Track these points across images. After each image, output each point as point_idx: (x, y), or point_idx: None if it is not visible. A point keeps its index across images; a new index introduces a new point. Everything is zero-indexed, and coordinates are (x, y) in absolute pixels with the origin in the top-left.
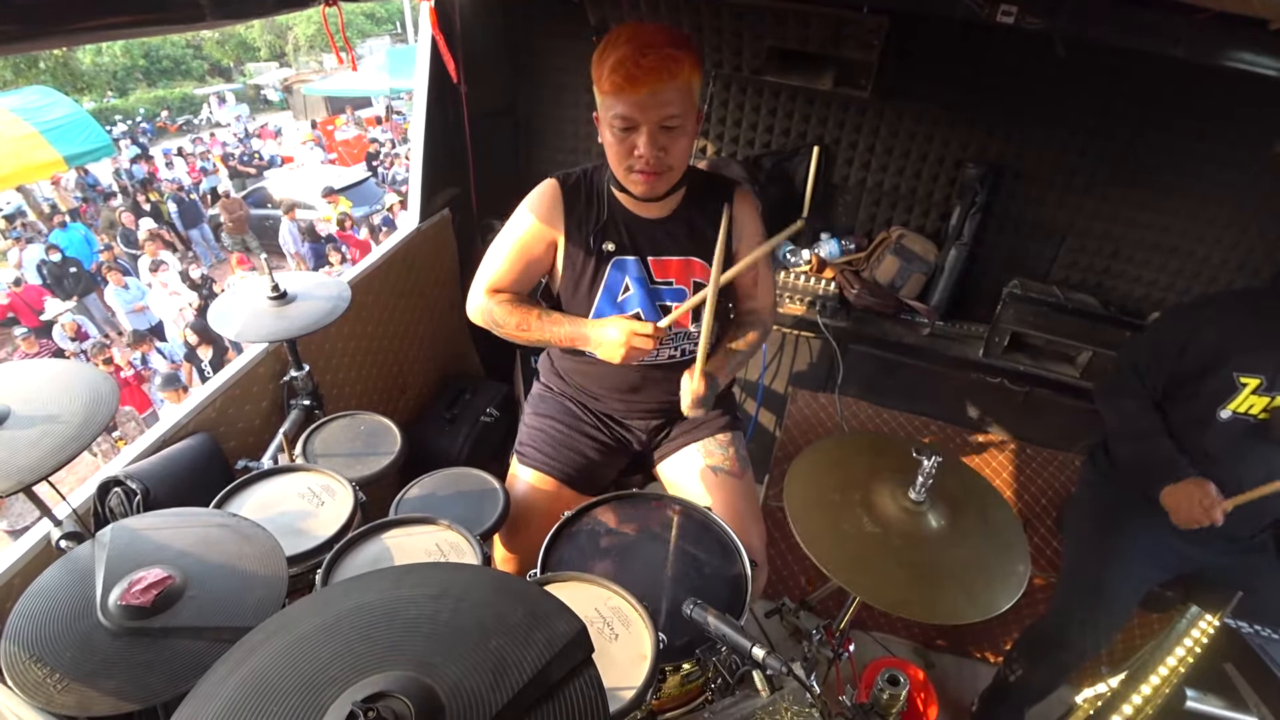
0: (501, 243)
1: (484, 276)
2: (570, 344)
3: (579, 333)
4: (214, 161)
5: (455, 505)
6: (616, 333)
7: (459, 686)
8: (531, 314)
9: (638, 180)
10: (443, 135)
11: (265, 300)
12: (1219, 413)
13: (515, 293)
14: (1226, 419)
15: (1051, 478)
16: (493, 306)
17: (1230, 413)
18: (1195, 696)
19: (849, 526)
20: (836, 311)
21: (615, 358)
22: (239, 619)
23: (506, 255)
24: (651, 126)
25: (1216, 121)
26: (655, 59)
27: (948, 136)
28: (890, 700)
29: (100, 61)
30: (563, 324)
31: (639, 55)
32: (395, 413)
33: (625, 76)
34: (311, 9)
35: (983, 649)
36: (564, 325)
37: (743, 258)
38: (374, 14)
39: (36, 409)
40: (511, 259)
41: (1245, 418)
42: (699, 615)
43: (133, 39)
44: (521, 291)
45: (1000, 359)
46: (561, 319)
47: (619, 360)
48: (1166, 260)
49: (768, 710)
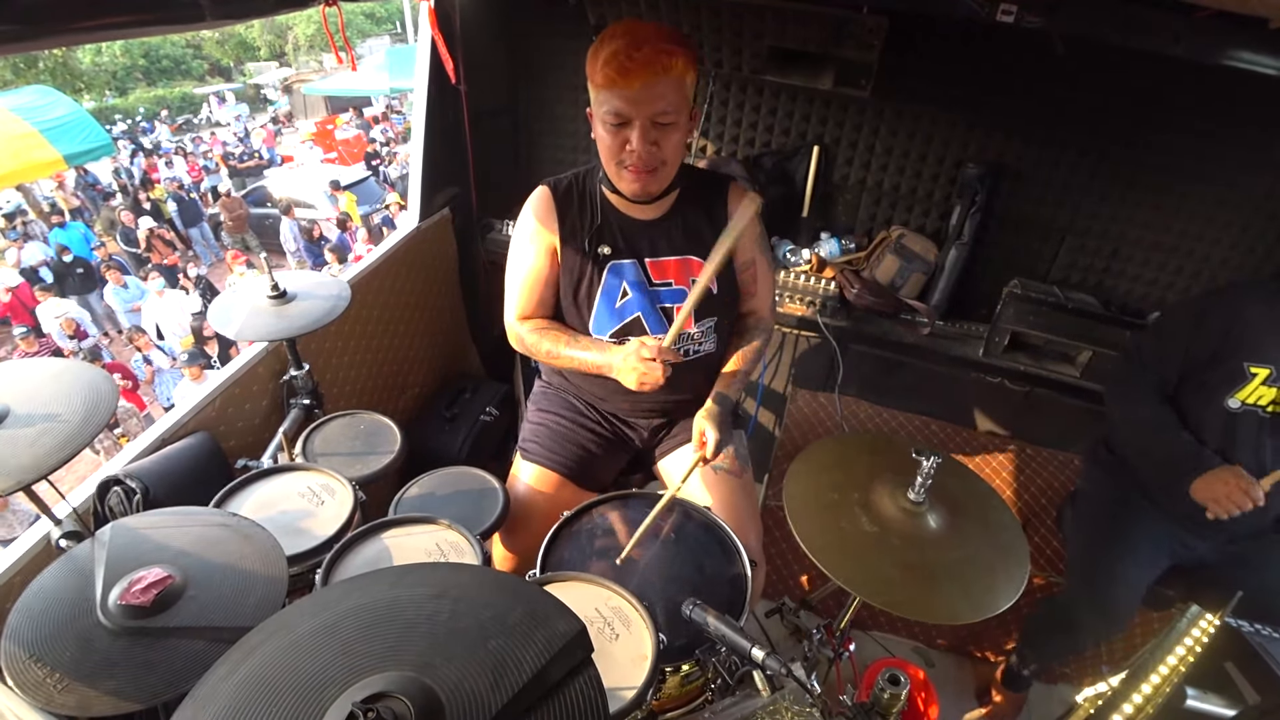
0: (514, 269)
1: (511, 305)
2: (597, 371)
3: (605, 361)
4: (214, 161)
5: (455, 505)
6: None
7: (459, 687)
8: (560, 341)
9: (629, 178)
10: (443, 135)
11: (265, 299)
12: (1227, 402)
13: (545, 315)
14: (1236, 409)
15: (1051, 477)
16: (524, 334)
17: (1239, 403)
18: (1196, 695)
19: (848, 525)
20: (836, 311)
21: (632, 385)
22: (239, 619)
23: (522, 283)
24: (644, 121)
25: (1217, 120)
26: (649, 53)
27: (948, 136)
28: (891, 700)
29: (100, 61)
30: (590, 350)
31: (632, 49)
32: (395, 412)
33: (618, 70)
34: (311, 9)
35: (983, 648)
36: (591, 352)
37: (740, 249)
38: (374, 14)
39: (36, 408)
40: (528, 286)
41: (1254, 409)
42: (699, 615)
43: (133, 39)
44: (548, 311)
45: (1000, 359)
46: (589, 345)
47: (635, 387)
48: (1166, 260)
49: (768, 710)
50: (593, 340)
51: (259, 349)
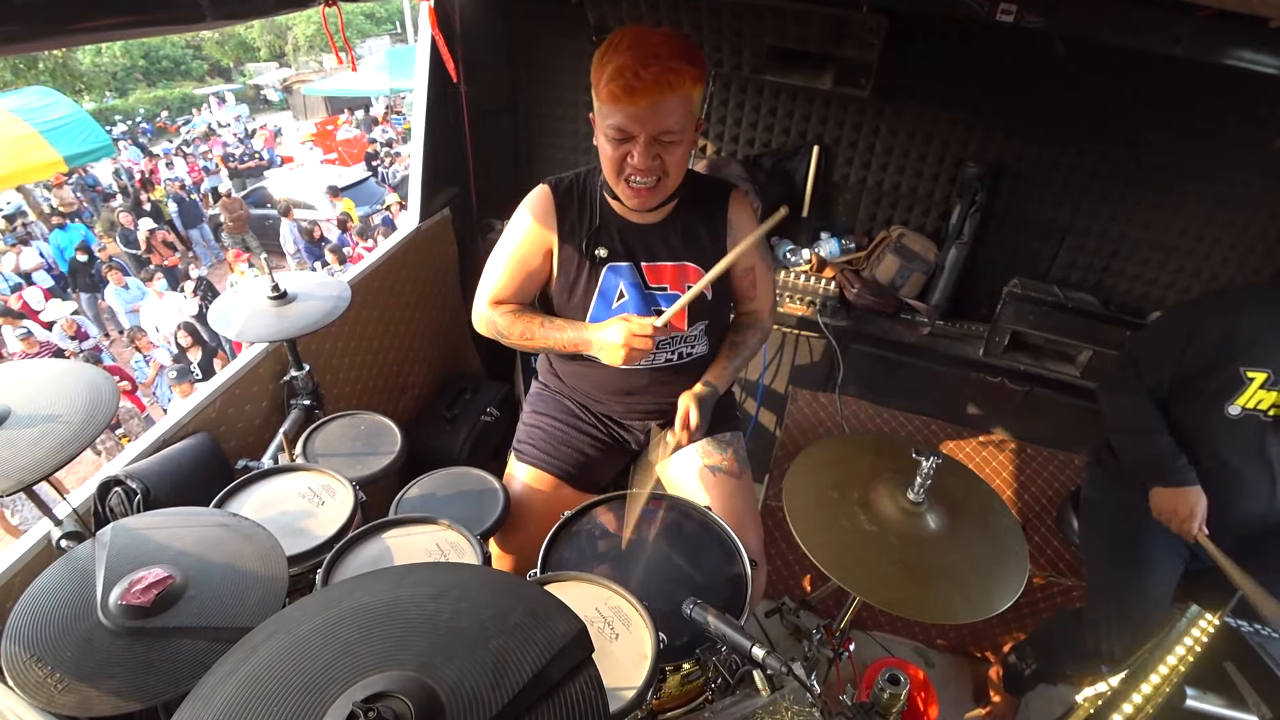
0: (500, 254)
1: (485, 288)
2: (574, 349)
3: (581, 337)
4: (214, 161)
5: (455, 505)
6: (616, 334)
7: (459, 686)
8: (534, 322)
9: (629, 194)
10: (443, 135)
11: (265, 300)
12: (1228, 409)
13: (518, 303)
14: (1236, 415)
15: (1051, 477)
16: (496, 317)
17: (1240, 409)
18: (1195, 695)
19: (848, 524)
20: (837, 311)
21: (617, 360)
22: (239, 619)
23: (505, 267)
24: (647, 139)
25: (1216, 120)
26: (657, 71)
27: (948, 136)
28: (891, 700)
29: (100, 62)
30: (565, 329)
31: (640, 66)
32: (395, 412)
33: (624, 87)
34: (311, 9)
35: (983, 648)
36: (566, 331)
37: (741, 258)
38: (374, 14)
39: (37, 409)
40: (510, 271)
41: (1256, 414)
42: (699, 615)
43: (133, 39)
44: (524, 301)
45: (1000, 358)
46: (564, 325)
47: (620, 363)
48: (1166, 259)
49: (768, 710)
50: (566, 320)
51: (259, 349)
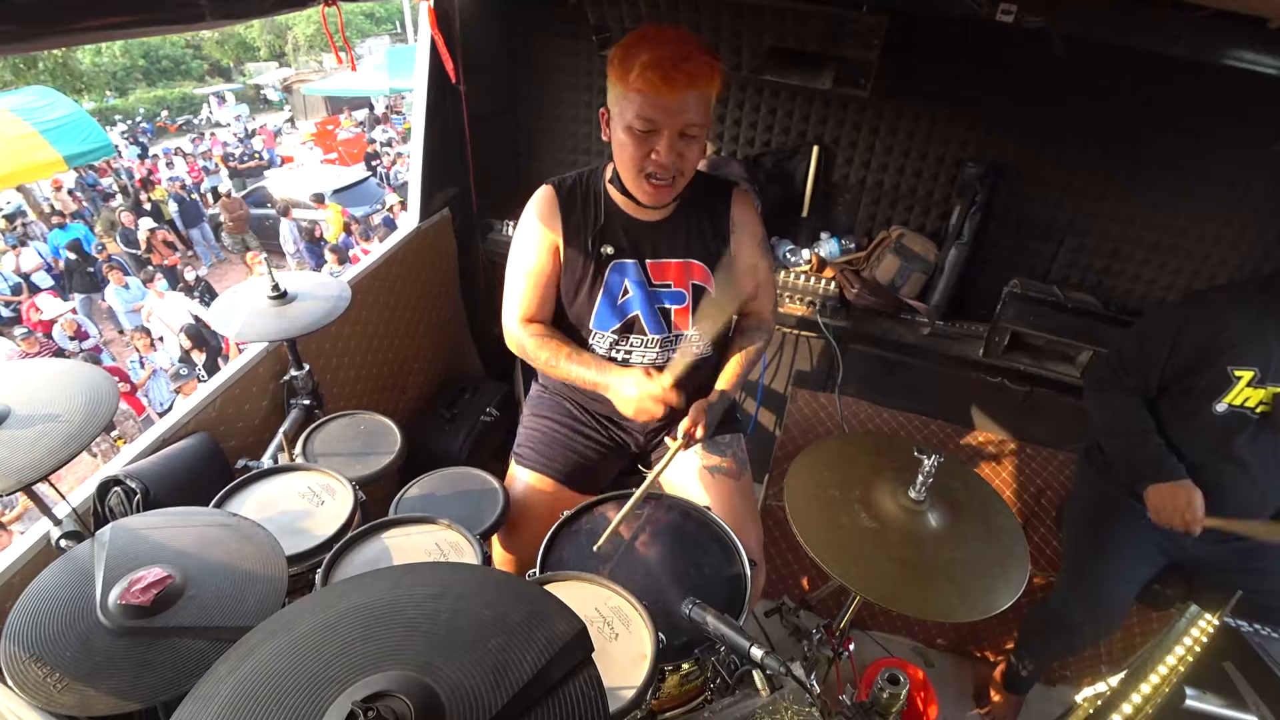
0: (517, 267)
1: (512, 306)
2: (592, 389)
3: (603, 381)
4: (214, 161)
5: (455, 505)
6: (632, 389)
7: (459, 686)
8: (561, 352)
9: (648, 189)
10: (443, 135)
11: (265, 300)
12: (1215, 407)
13: (548, 316)
14: (1223, 412)
15: (1051, 477)
16: (525, 339)
17: (1227, 406)
18: (1195, 695)
19: (848, 522)
20: (836, 311)
21: (628, 412)
22: (239, 619)
23: (526, 283)
24: (673, 132)
25: (1216, 120)
26: (694, 66)
27: (948, 136)
28: (890, 699)
29: (100, 61)
30: (589, 368)
31: (679, 58)
32: (395, 412)
33: (663, 77)
34: (311, 9)
35: (983, 649)
36: (590, 370)
37: (743, 254)
38: (374, 14)
39: (36, 409)
40: (532, 285)
41: (1243, 411)
42: (698, 615)
43: (133, 39)
44: (551, 309)
45: (1000, 358)
46: (589, 361)
47: (630, 415)
48: (1166, 259)
49: (767, 710)
50: (594, 357)
51: (259, 349)
